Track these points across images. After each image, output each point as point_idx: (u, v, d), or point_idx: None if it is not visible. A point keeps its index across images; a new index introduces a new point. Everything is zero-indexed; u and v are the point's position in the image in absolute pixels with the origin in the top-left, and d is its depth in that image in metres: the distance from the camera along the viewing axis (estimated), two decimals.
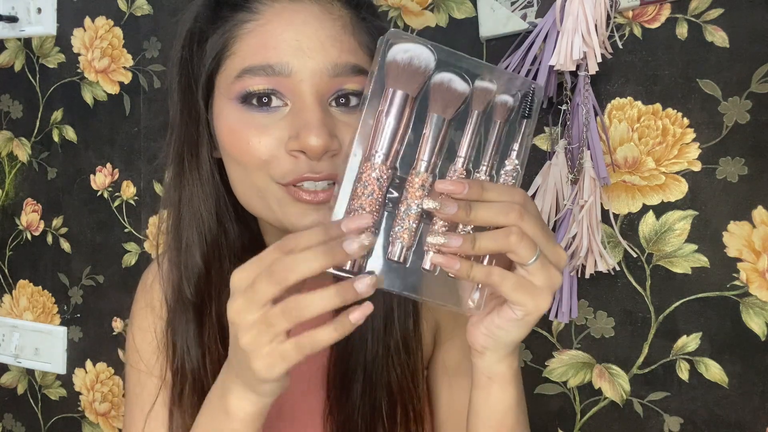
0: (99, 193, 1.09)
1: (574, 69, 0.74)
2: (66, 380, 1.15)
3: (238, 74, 0.47)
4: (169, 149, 0.56)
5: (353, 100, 0.48)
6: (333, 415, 0.56)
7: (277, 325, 0.38)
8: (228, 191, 0.54)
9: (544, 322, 0.85)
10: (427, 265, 0.41)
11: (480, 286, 0.43)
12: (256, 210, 0.51)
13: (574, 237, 0.76)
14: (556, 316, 0.81)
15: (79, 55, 1.08)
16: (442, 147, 0.42)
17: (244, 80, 0.47)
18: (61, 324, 1.14)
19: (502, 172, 0.44)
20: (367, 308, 0.38)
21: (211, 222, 0.54)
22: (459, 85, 0.42)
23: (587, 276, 0.79)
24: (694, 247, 0.77)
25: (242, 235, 0.56)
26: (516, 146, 0.44)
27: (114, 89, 1.06)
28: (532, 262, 0.39)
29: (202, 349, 0.54)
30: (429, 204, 0.39)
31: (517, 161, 0.44)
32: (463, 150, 0.43)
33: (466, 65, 0.43)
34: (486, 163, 0.43)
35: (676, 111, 0.77)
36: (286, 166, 0.46)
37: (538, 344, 0.85)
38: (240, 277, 0.40)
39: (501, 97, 0.43)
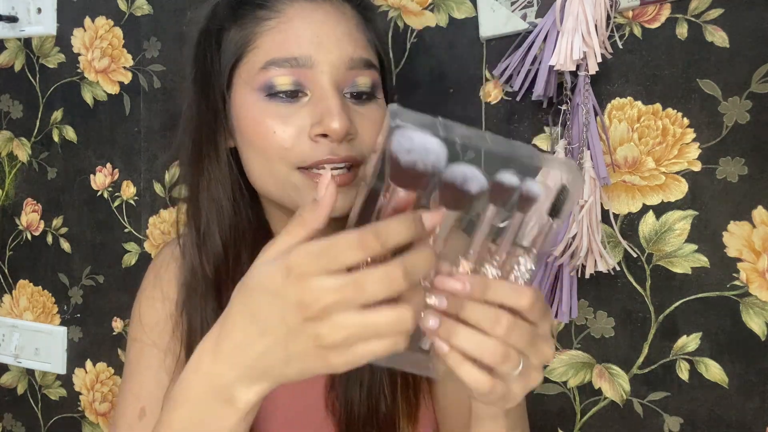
0: (99, 193, 1.09)
1: (574, 69, 0.74)
2: (66, 380, 1.15)
3: (264, 66, 0.51)
4: (184, 139, 0.59)
5: (364, 95, 0.54)
6: (336, 392, 0.58)
7: (371, 320, 0.34)
8: (242, 178, 0.57)
9: None
10: (426, 346, 0.39)
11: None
12: (273, 196, 0.54)
13: (574, 237, 0.76)
14: (556, 316, 0.81)
15: (79, 55, 1.08)
16: (449, 241, 0.38)
17: (269, 71, 0.51)
18: (61, 324, 1.14)
19: (516, 268, 0.39)
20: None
21: (228, 206, 0.57)
22: (474, 185, 0.36)
23: (587, 276, 0.79)
24: (694, 247, 0.77)
25: (253, 218, 0.59)
26: (534, 244, 0.39)
27: (114, 89, 1.06)
28: (512, 374, 0.38)
29: None
30: (430, 300, 0.37)
31: (532, 266, 0.39)
32: (475, 247, 0.38)
33: (488, 146, 0.36)
34: (498, 258, 0.39)
35: (676, 111, 0.77)
36: (306, 150, 0.50)
37: None
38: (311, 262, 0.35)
39: (526, 185, 0.37)
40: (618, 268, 0.80)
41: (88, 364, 1.13)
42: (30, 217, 1.15)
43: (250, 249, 0.58)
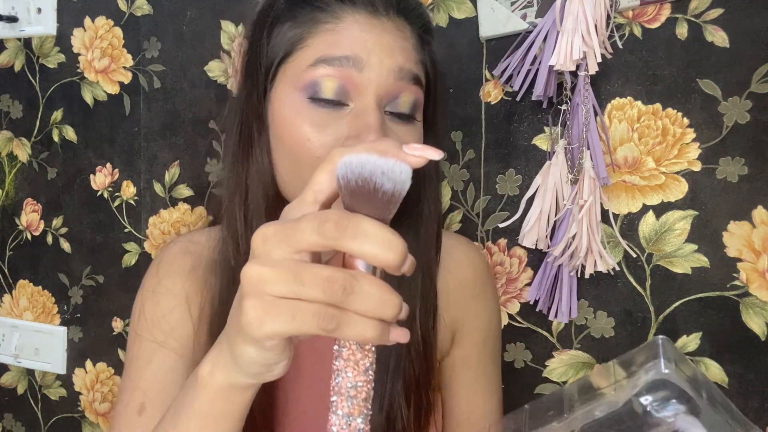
0: (99, 193, 1.09)
1: (574, 69, 0.74)
2: (66, 380, 1.15)
3: (313, 63, 0.50)
4: (234, 124, 0.58)
5: (404, 116, 0.53)
6: None
7: (307, 285, 0.31)
8: None
9: (544, 322, 0.85)
10: None
11: None
12: (296, 197, 0.53)
13: (573, 237, 0.76)
14: (556, 316, 0.81)
15: (79, 55, 1.08)
16: None
17: (317, 68, 0.50)
18: (61, 324, 1.14)
19: None
20: (405, 337, 0.34)
21: (274, 195, 0.56)
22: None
23: (587, 276, 0.79)
24: (694, 247, 0.77)
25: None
26: None
27: (114, 89, 1.06)
28: None
29: None
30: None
31: None
32: None
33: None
34: None
35: (676, 111, 0.77)
36: None
37: (538, 344, 0.85)
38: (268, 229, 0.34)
39: None
40: (618, 268, 0.80)
41: (88, 364, 1.13)
42: (30, 217, 1.15)
43: None
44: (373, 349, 0.35)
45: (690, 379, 0.36)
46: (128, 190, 1.07)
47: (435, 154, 0.34)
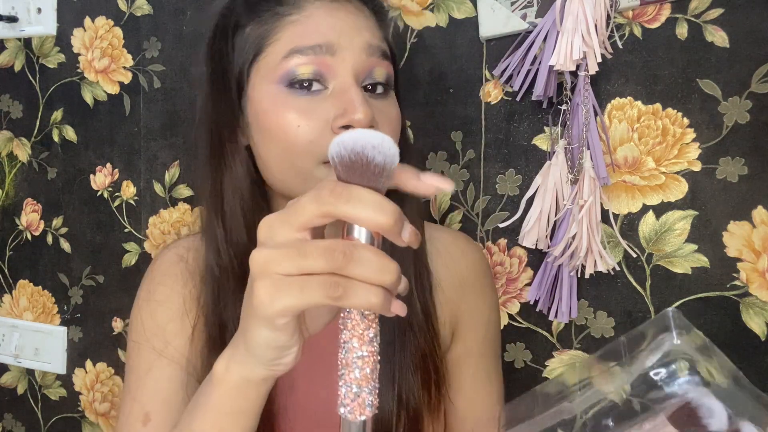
0: (99, 193, 1.09)
1: (574, 69, 0.74)
2: (66, 380, 1.15)
3: (286, 54, 0.51)
4: (202, 136, 0.59)
5: (379, 88, 0.55)
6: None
7: (310, 257, 0.33)
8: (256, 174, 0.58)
9: (544, 322, 0.85)
10: None
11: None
12: (293, 191, 0.54)
13: (573, 237, 0.76)
14: (556, 316, 0.81)
15: (79, 55, 1.08)
16: None
17: (291, 59, 0.51)
18: (61, 324, 1.14)
19: None
20: (403, 310, 0.36)
21: (250, 200, 0.57)
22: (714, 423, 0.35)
23: (587, 276, 0.79)
24: (694, 247, 0.77)
25: (267, 212, 0.59)
26: None
27: (114, 89, 1.06)
28: None
29: None
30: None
31: None
32: None
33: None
34: None
35: (676, 111, 0.77)
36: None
37: (538, 344, 0.85)
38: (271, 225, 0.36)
39: None
40: (618, 268, 0.80)
41: (88, 364, 1.13)
42: (30, 217, 1.15)
43: None
44: (377, 320, 0.36)
45: (700, 348, 0.36)
46: (128, 190, 1.07)
47: (447, 186, 0.36)
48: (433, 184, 0.36)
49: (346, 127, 0.50)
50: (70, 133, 1.10)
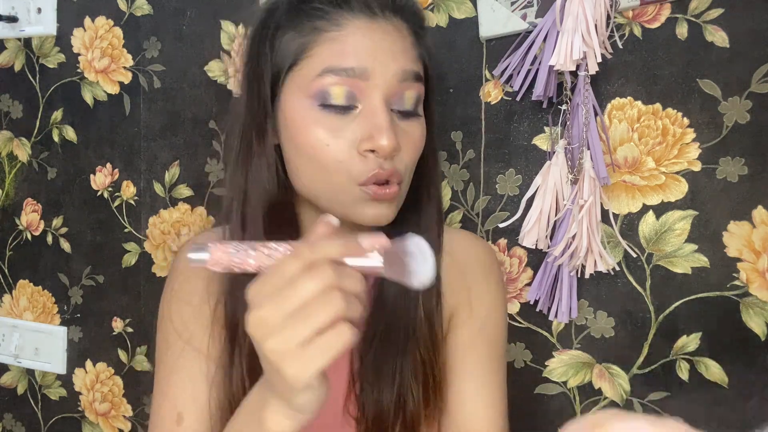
0: (99, 193, 1.09)
1: (574, 69, 0.74)
2: (66, 380, 1.15)
3: (320, 73, 0.53)
4: (233, 133, 0.60)
5: (409, 114, 0.56)
6: (363, 391, 0.59)
7: (314, 315, 0.38)
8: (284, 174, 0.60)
9: (544, 322, 0.85)
10: None
11: None
12: (321, 202, 0.57)
13: (573, 237, 0.76)
14: (556, 316, 0.81)
15: (79, 55, 1.08)
16: None
17: (324, 78, 0.52)
18: (61, 324, 1.14)
19: None
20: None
21: (274, 201, 0.58)
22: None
23: (587, 276, 0.79)
24: (694, 247, 0.77)
25: (288, 214, 0.61)
26: None
27: (114, 89, 1.06)
28: None
29: None
30: None
31: None
32: None
33: None
34: None
35: (676, 111, 0.77)
36: (359, 165, 0.53)
37: (538, 344, 0.85)
38: (258, 288, 0.41)
39: None
40: (618, 268, 0.80)
41: (88, 364, 1.13)
42: (30, 217, 1.15)
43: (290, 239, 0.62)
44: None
45: None
46: (128, 190, 1.07)
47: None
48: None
49: (371, 150, 0.52)
50: (70, 133, 1.10)
